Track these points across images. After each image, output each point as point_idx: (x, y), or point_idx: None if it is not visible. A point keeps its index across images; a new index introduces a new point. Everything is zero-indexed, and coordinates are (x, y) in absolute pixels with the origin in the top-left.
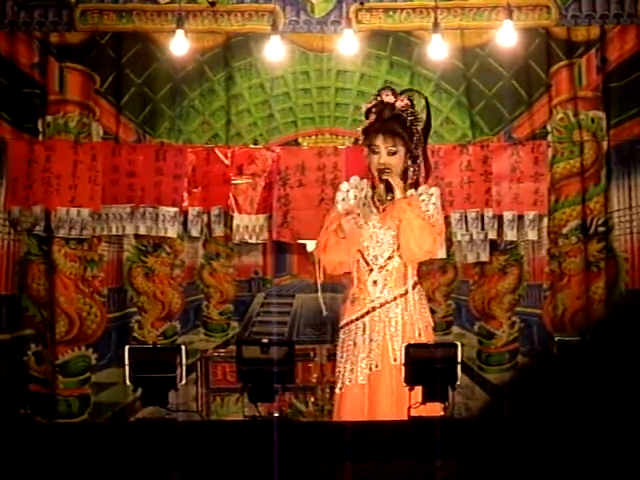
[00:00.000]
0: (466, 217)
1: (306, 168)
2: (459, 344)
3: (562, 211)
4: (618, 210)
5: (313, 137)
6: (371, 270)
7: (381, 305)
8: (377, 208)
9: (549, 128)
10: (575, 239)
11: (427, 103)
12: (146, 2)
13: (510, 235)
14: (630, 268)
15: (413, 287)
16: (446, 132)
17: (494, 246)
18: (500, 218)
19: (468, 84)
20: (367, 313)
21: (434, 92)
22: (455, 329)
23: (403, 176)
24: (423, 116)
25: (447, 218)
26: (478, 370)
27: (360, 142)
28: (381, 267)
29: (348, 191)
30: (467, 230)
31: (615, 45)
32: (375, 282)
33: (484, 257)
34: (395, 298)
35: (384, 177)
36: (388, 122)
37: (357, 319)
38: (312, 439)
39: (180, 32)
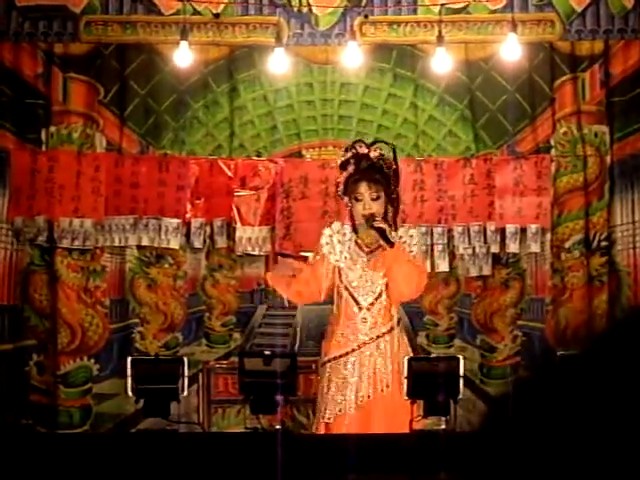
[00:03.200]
0: (469, 230)
1: (309, 180)
2: (461, 357)
3: (565, 225)
4: (621, 224)
5: (316, 149)
6: (360, 309)
7: (371, 340)
8: (362, 251)
9: (552, 142)
10: (578, 253)
11: (394, 152)
12: (150, 14)
13: (513, 248)
14: (633, 282)
15: (397, 323)
16: (449, 145)
17: (497, 260)
18: (503, 232)
19: (472, 97)
20: (358, 347)
21: (437, 105)
22: (457, 342)
23: (383, 220)
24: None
25: (450, 231)
26: (480, 383)
27: (339, 193)
28: (370, 305)
29: (331, 236)
30: (470, 243)
31: (619, 60)
32: (364, 319)
33: (486, 270)
34: (383, 334)
35: (377, 225)
36: (368, 171)
37: (347, 354)
38: (314, 452)
39: (184, 44)
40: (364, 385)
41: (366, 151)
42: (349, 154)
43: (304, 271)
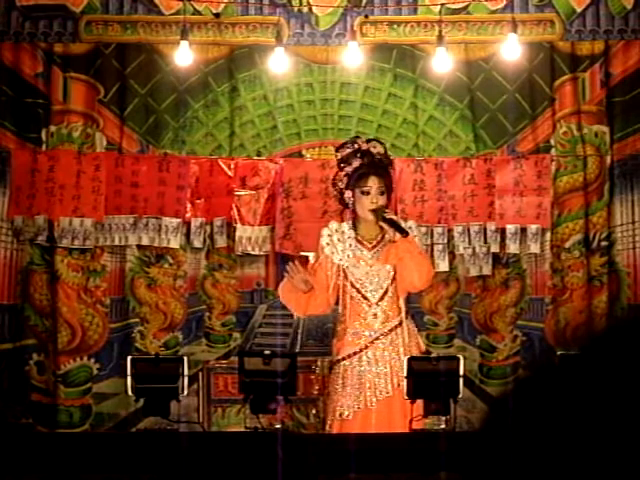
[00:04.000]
0: (469, 230)
1: (309, 180)
2: (461, 357)
3: (565, 225)
4: (621, 225)
5: (317, 149)
6: (370, 305)
7: (384, 335)
8: (365, 247)
9: (553, 142)
10: (578, 253)
11: (385, 150)
12: (151, 14)
13: (513, 248)
14: (632, 282)
15: (406, 317)
16: (449, 145)
17: (497, 259)
18: (503, 231)
19: (472, 97)
20: (371, 343)
21: (438, 105)
22: (457, 342)
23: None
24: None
25: (450, 231)
26: (479, 383)
27: (342, 186)
28: (379, 300)
29: (330, 235)
30: (470, 243)
31: (619, 60)
32: (375, 315)
33: (487, 270)
34: (395, 327)
35: (388, 217)
36: (375, 164)
37: (360, 350)
38: (314, 451)
39: (184, 43)
40: (382, 381)
41: (367, 146)
42: (350, 149)
43: (314, 286)
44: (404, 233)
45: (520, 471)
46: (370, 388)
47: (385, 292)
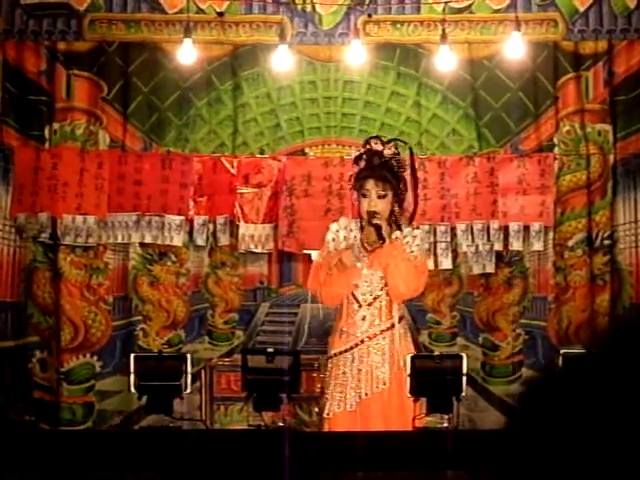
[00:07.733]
0: (472, 228)
1: (312, 178)
2: (464, 355)
3: (568, 224)
4: (624, 223)
5: (319, 147)
6: (360, 306)
7: (369, 338)
8: (365, 249)
9: (556, 140)
10: (580, 252)
11: (411, 152)
12: (154, 12)
13: (516, 246)
14: (635, 281)
15: (399, 321)
16: (453, 143)
17: (499, 258)
18: (506, 230)
19: (475, 96)
20: (356, 345)
21: (441, 103)
22: (460, 340)
23: (389, 219)
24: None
25: (453, 229)
26: (482, 382)
27: (350, 187)
28: (369, 304)
29: (337, 231)
30: (473, 241)
31: (622, 58)
32: (364, 317)
33: (490, 268)
34: (382, 332)
35: (374, 222)
36: (378, 168)
37: (346, 350)
38: (318, 449)
39: (188, 41)
40: (362, 382)
41: (380, 148)
42: (363, 149)
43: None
44: (382, 240)
45: (527, 471)
46: (353, 389)
47: (377, 296)
